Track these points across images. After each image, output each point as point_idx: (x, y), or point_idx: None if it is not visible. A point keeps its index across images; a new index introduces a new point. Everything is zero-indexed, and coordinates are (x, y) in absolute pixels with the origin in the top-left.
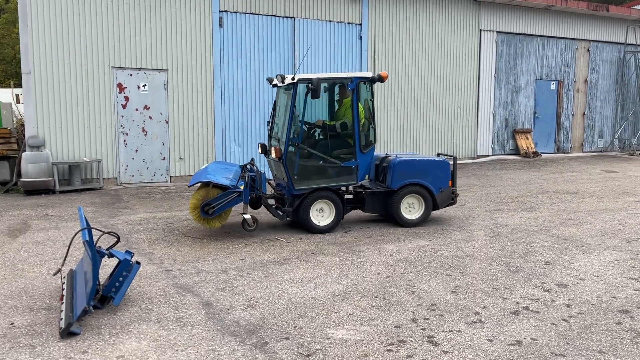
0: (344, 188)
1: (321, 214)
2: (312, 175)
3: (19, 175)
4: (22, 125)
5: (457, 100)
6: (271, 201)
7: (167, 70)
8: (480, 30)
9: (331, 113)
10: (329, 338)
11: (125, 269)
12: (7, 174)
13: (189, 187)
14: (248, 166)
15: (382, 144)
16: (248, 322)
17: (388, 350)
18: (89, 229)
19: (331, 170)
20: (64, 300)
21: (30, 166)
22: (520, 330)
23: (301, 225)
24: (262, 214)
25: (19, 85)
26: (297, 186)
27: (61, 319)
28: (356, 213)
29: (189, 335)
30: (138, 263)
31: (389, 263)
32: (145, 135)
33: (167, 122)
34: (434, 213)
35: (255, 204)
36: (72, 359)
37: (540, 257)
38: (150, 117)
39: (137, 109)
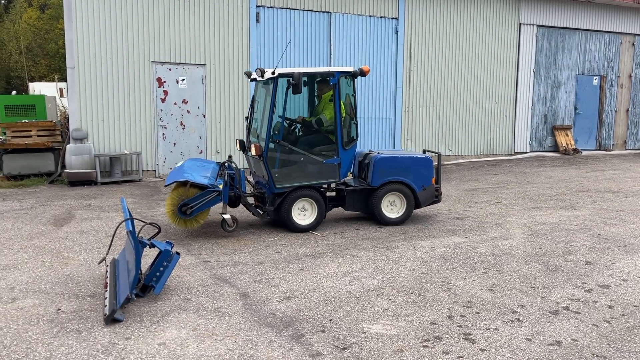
0: (325, 185)
1: (303, 213)
2: (294, 173)
3: (63, 166)
4: (66, 118)
5: (494, 95)
6: (250, 199)
7: (204, 65)
8: (520, 24)
9: (311, 108)
10: (365, 332)
11: (166, 259)
12: (52, 165)
13: (165, 186)
14: (226, 164)
15: (418, 140)
16: (284, 314)
17: (424, 346)
18: (132, 219)
19: (313, 167)
20: (108, 288)
21: (74, 158)
22: (560, 330)
23: (282, 224)
24: None
25: (62, 79)
26: (278, 184)
27: (105, 306)
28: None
29: (227, 325)
30: (178, 254)
31: (424, 259)
32: (183, 128)
33: (204, 116)
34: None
35: (233, 202)
36: (116, 344)
37: (580, 257)
38: (188, 111)
39: (175, 103)
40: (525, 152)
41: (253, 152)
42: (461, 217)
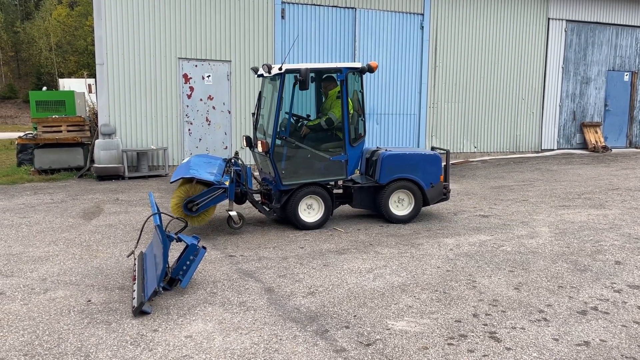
0: (332, 183)
1: (310, 210)
2: (300, 170)
3: (92, 161)
4: (95, 113)
5: (521, 91)
6: (256, 196)
7: (230, 61)
8: (549, 19)
9: (319, 105)
10: (389, 329)
11: (193, 253)
12: (82, 160)
13: (171, 183)
14: (233, 160)
15: (443, 136)
16: (308, 309)
17: (449, 344)
18: (160, 214)
19: (320, 164)
20: (136, 281)
21: (102, 153)
22: (588, 330)
23: (289, 221)
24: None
25: (91, 75)
26: (284, 181)
27: (133, 299)
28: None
29: (252, 319)
30: (204, 248)
31: (449, 257)
32: (209, 124)
33: (229, 112)
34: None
35: (240, 199)
36: (144, 336)
37: (610, 257)
38: (213, 107)
39: (201, 99)
40: (553, 150)
41: (260, 149)
42: (487, 214)
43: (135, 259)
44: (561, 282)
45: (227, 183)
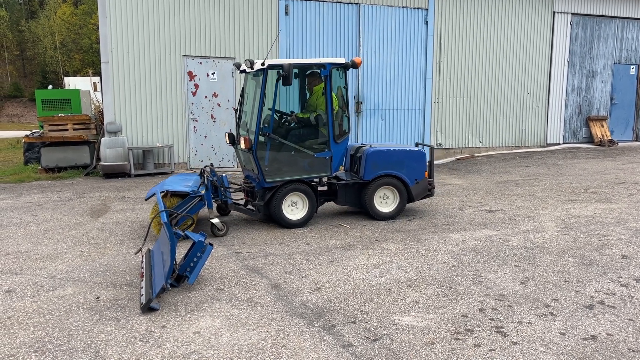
0: (317, 179)
1: (294, 207)
2: (284, 167)
3: (98, 159)
4: (100, 111)
5: (526, 86)
6: (238, 196)
7: (234, 58)
8: (554, 12)
9: (302, 101)
10: (396, 324)
11: (200, 250)
12: (88, 158)
13: (146, 200)
14: (208, 169)
15: (448, 131)
16: (315, 305)
17: (455, 339)
18: (167, 211)
19: (304, 161)
20: (144, 278)
21: (108, 151)
22: (594, 324)
23: (272, 219)
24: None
25: (95, 73)
26: (268, 178)
27: (142, 295)
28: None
29: (259, 315)
30: (211, 245)
31: (454, 252)
32: (214, 121)
33: (234, 109)
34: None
35: (224, 209)
36: (153, 332)
37: (616, 251)
38: (218, 104)
39: (206, 96)
40: (559, 144)
41: (242, 146)
42: (492, 209)
43: (142, 256)
44: (567, 276)
45: (203, 191)
